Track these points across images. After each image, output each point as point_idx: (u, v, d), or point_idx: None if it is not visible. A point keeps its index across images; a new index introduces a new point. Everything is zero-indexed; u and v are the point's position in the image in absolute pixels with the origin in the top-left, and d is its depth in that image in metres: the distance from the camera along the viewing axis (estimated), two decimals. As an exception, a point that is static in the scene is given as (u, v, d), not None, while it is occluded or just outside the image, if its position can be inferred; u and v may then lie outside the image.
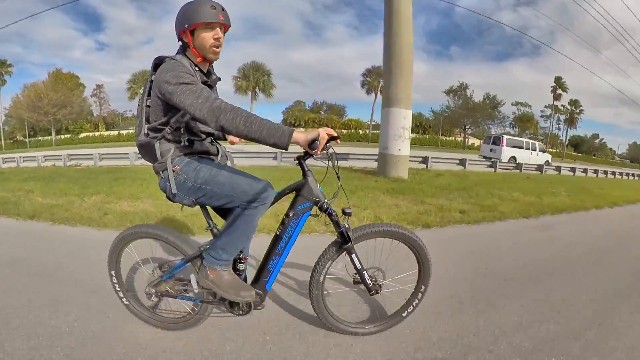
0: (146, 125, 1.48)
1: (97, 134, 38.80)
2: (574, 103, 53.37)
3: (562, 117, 53.80)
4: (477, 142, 51.64)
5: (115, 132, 39.71)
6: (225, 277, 1.57)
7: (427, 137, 48.36)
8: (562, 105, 52.49)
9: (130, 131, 37.15)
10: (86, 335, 1.75)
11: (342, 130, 43.24)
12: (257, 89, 40.42)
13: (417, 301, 1.83)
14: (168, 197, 1.58)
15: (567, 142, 58.47)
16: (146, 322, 1.84)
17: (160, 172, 1.55)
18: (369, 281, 1.72)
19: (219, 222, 1.68)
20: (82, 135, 38.07)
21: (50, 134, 37.87)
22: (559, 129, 57.36)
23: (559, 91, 50.33)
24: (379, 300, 2.01)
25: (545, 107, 53.62)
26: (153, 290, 1.77)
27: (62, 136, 38.01)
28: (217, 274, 1.57)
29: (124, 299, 1.87)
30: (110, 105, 44.48)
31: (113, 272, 1.82)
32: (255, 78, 39.72)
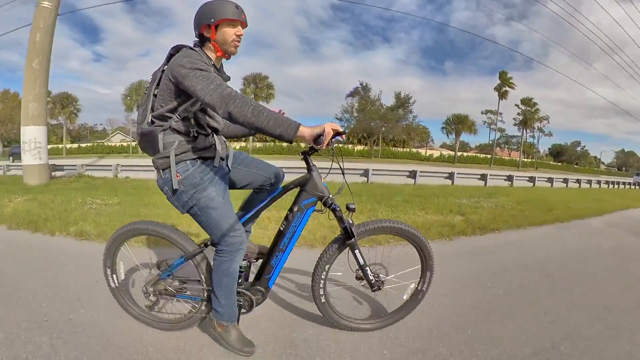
0: (151, 114, 1.46)
1: (60, 146, 43.94)
2: (528, 102, 47.39)
3: (534, 121, 48.23)
4: (436, 153, 48.31)
5: (76, 145, 45.68)
6: (231, 332, 1.62)
7: (376, 148, 44.34)
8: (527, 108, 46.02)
9: (89, 144, 43.40)
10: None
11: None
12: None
13: (419, 297, 1.83)
14: (166, 197, 1.55)
15: (519, 149, 53.32)
16: (143, 322, 1.79)
17: (161, 171, 1.51)
18: (371, 277, 1.72)
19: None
20: (49, 146, 41.48)
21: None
22: (532, 137, 53.70)
23: (505, 88, 44.78)
24: (381, 296, 2.00)
25: (518, 114, 48.59)
26: (151, 289, 1.72)
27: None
28: (224, 327, 1.62)
29: (120, 297, 1.81)
30: (77, 119, 49.13)
31: (109, 270, 1.76)
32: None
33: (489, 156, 50.69)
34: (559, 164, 59.29)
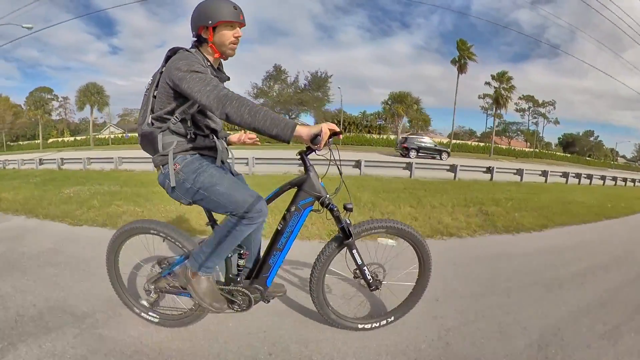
0: (150, 115, 1.48)
1: (60, 139, 47.36)
2: (502, 77, 39.28)
3: (509, 100, 39.86)
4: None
5: (72, 138, 48.20)
6: (203, 283, 1.59)
7: (352, 135, 41.14)
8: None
9: (84, 137, 45.09)
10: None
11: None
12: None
13: (417, 297, 1.83)
14: (167, 192, 1.57)
15: (496, 131, 46.03)
16: (144, 319, 1.82)
17: (161, 167, 1.54)
18: (369, 277, 1.72)
19: (219, 217, 1.67)
20: (50, 140, 46.14)
21: (28, 140, 48.95)
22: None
23: (466, 60, 36.97)
24: (379, 296, 2.01)
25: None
26: (152, 287, 1.75)
27: (36, 141, 46.39)
28: (197, 278, 1.59)
29: (123, 295, 1.84)
30: (75, 114, 52.84)
31: (111, 268, 1.80)
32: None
33: (482, 144, 46.34)
34: (568, 155, 52.95)
